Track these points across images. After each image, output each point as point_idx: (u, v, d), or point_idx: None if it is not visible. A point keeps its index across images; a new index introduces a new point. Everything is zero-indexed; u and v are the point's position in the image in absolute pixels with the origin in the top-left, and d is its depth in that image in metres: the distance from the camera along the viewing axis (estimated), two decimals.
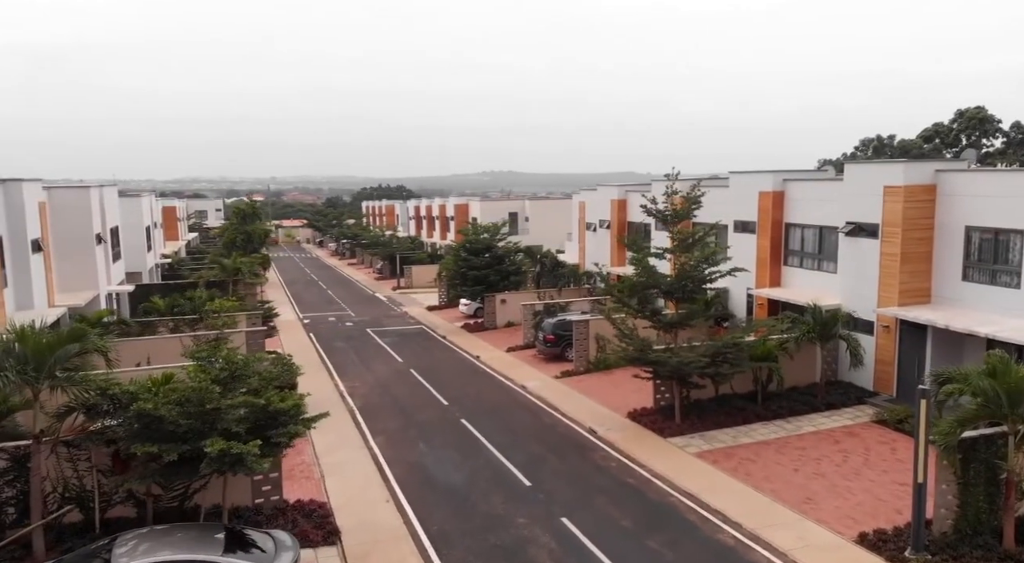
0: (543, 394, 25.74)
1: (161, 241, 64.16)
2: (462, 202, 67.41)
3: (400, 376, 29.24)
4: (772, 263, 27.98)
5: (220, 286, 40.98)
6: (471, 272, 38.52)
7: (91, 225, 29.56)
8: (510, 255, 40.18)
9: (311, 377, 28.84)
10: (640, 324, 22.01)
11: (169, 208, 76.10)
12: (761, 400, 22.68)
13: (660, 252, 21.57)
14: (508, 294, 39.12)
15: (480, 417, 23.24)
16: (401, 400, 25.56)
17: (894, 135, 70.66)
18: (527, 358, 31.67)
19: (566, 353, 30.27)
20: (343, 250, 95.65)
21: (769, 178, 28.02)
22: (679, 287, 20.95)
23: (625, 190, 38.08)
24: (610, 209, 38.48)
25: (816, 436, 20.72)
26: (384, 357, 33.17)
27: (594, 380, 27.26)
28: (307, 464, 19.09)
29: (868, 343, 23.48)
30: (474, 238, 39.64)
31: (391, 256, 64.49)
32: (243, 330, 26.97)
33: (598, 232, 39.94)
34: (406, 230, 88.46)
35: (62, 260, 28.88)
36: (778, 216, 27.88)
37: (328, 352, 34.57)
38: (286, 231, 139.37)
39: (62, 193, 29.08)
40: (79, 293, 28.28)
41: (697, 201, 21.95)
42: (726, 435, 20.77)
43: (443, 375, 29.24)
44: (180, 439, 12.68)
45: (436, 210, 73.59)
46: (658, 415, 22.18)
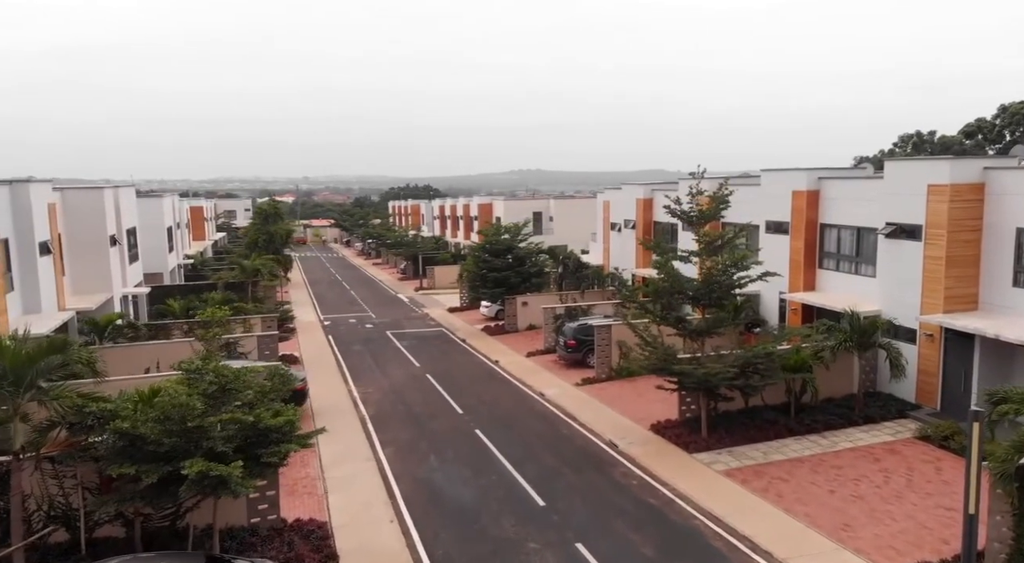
0: (562, 403, 24.62)
1: (187, 241, 64.32)
2: (486, 202, 66.47)
3: (416, 382, 28.34)
4: (806, 266, 26.49)
5: (239, 288, 40.62)
6: (491, 274, 37.52)
7: (105, 227, 29.14)
8: (532, 256, 39.07)
9: (325, 382, 28.14)
10: (665, 331, 20.79)
11: (196, 208, 76.43)
12: (794, 413, 21.31)
13: (686, 255, 20.30)
14: (530, 296, 38.05)
15: (495, 427, 22.21)
16: (414, 408, 24.64)
17: (934, 131, 68.04)
18: (547, 364, 30.57)
19: (587, 359, 29.10)
20: (369, 250, 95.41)
21: (803, 176, 26.53)
22: (706, 293, 19.67)
23: (651, 189, 36.74)
24: (635, 209, 37.17)
25: (854, 453, 19.30)
26: (401, 361, 32.32)
27: (616, 388, 26.06)
28: (311, 478, 18.23)
29: (910, 352, 21.95)
30: (495, 239, 38.60)
31: (414, 256, 63.79)
32: (254, 335, 26.27)
33: (623, 232, 38.65)
34: (431, 230, 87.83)
35: (75, 262, 28.52)
36: (813, 216, 26.39)
37: (345, 355, 33.83)
38: (314, 231, 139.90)
39: (75, 194, 28.69)
40: (91, 296, 27.86)
41: (725, 201, 20.66)
42: (756, 451, 19.45)
43: (459, 381, 28.27)
44: (163, 458, 11.83)
45: (460, 210, 72.75)
46: (683, 428, 20.93)
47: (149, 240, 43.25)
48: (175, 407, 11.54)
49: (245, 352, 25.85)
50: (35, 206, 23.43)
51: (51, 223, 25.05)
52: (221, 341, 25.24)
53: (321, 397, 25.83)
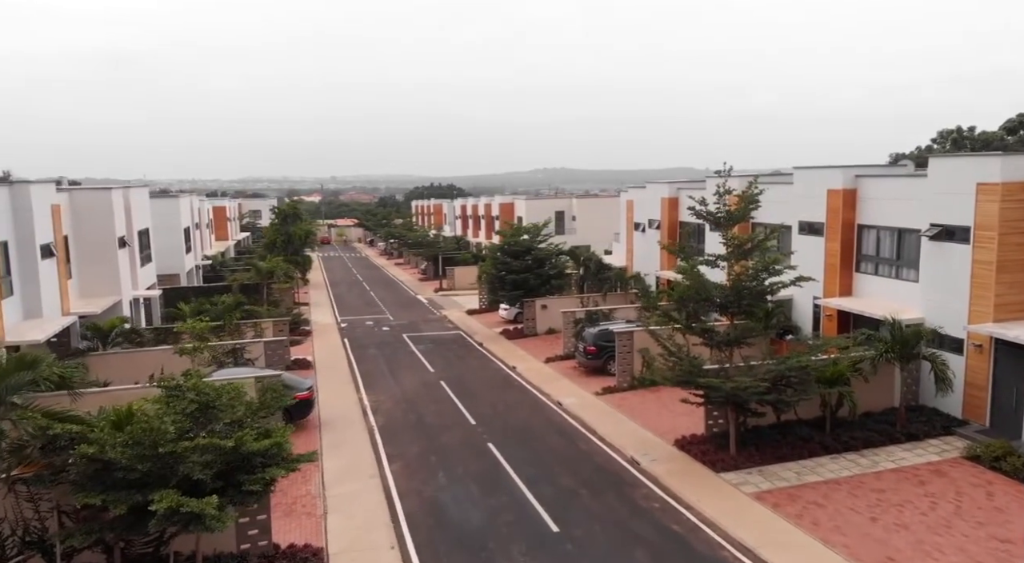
0: (581, 414, 23.34)
1: (208, 241, 64.09)
2: (507, 201, 65.28)
3: (429, 389, 27.24)
4: (842, 269, 24.88)
5: (255, 289, 39.91)
6: (510, 276, 36.28)
7: (113, 228, 28.48)
8: (552, 257, 37.75)
9: (336, 389, 27.18)
10: (691, 339, 19.41)
11: (219, 208, 76.36)
12: (830, 428, 19.82)
13: (713, 259, 18.89)
14: (549, 299, 36.78)
15: (509, 441, 21.02)
16: (426, 418, 23.53)
17: (974, 127, 65.31)
18: (566, 370, 29.29)
19: (608, 366, 27.77)
20: (391, 250, 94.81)
21: (839, 174, 24.92)
22: (735, 300, 18.25)
23: (677, 188, 35.23)
24: (660, 208, 35.70)
25: (897, 475, 17.77)
26: (415, 367, 31.26)
27: (638, 398, 24.71)
28: (311, 496, 17.18)
29: (956, 364, 20.31)
30: (513, 240, 37.36)
31: (434, 257, 62.83)
32: (261, 340, 25.34)
33: (647, 233, 37.20)
34: (453, 230, 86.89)
35: (83, 265, 27.89)
36: (850, 216, 24.76)
37: (359, 360, 32.87)
38: (338, 231, 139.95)
39: (82, 195, 28.06)
40: (98, 299, 27.19)
41: (755, 200, 19.22)
42: (789, 471, 18.00)
43: (474, 389, 27.12)
44: (136, 485, 10.82)
45: (482, 209, 71.66)
46: (710, 444, 19.54)
47: (165, 241, 42.76)
48: (145, 432, 10.50)
49: (252, 359, 24.97)
50: (36, 208, 22.74)
51: (55, 225, 24.37)
52: (225, 348, 24.39)
53: (330, 405, 24.85)
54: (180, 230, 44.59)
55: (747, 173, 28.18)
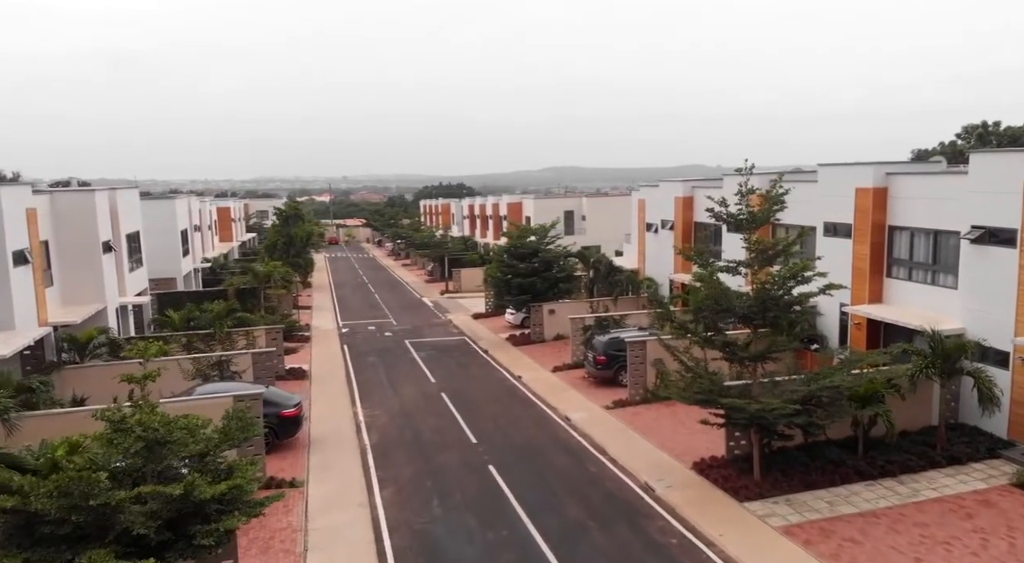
0: (590, 431, 21.68)
1: (212, 243, 62.88)
2: (515, 200, 63.59)
3: (428, 402, 25.65)
4: (872, 275, 23.07)
5: (252, 294, 38.47)
6: (516, 279, 34.62)
7: (96, 232, 27.05)
8: (560, 260, 36.05)
9: (330, 401, 25.64)
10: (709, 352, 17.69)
11: (223, 209, 75.31)
12: (863, 450, 18.07)
13: (733, 266, 17.16)
14: (557, 304, 35.11)
15: (512, 462, 19.38)
16: (423, 436, 21.93)
17: (999, 121, 63.04)
18: (574, 381, 27.62)
19: (619, 377, 26.09)
20: (398, 250, 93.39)
21: (869, 171, 23.10)
22: (759, 310, 16.52)
23: (692, 186, 33.46)
24: (674, 208, 33.94)
25: (940, 506, 16.00)
26: (416, 376, 29.68)
27: (652, 413, 23.02)
28: (292, 530, 15.61)
29: (1002, 379, 18.50)
30: (519, 241, 35.69)
31: (440, 258, 61.28)
32: (249, 352, 23.81)
33: (660, 234, 35.44)
34: (461, 230, 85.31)
35: (65, 271, 26.48)
36: (880, 217, 22.94)
37: (357, 369, 31.34)
38: (347, 231, 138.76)
39: (64, 198, 26.65)
40: (80, 308, 25.77)
41: (779, 201, 17.45)
42: (820, 501, 16.27)
43: (476, 402, 25.50)
44: (69, 541, 9.27)
45: (489, 209, 70.00)
46: (731, 468, 17.83)
47: (160, 244, 41.44)
48: (74, 480, 8.94)
49: (239, 371, 23.46)
50: (7, 212, 21.31)
51: (30, 230, 22.96)
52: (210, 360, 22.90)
53: (322, 421, 23.32)
54: (176, 232, 43.24)
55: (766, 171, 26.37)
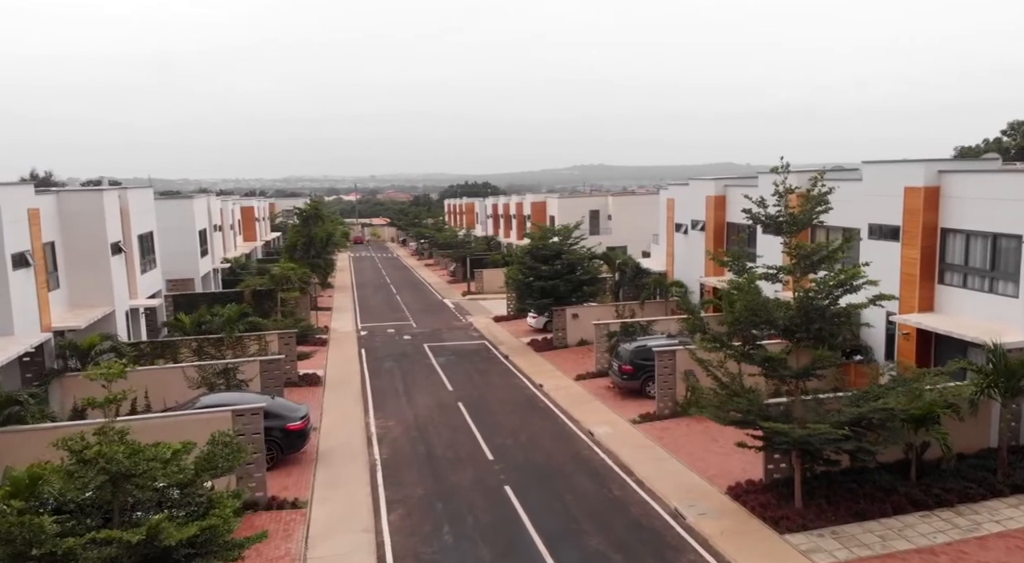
0: (615, 448, 20.24)
1: (234, 243, 62.43)
2: (539, 199, 62.13)
3: (444, 412, 24.40)
4: (922, 281, 21.31)
5: (268, 296, 37.56)
6: (537, 282, 33.21)
7: (105, 233, 26.21)
8: (584, 262, 34.57)
9: (342, 411, 24.52)
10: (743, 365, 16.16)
11: (247, 208, 75.06)
12: (916, 475, 16.41)
13: (773, 272, 15.61)
14: (581, 308, 33.65)
15: (530, 483, 18.03)
16: (437, 450, 20.66)
17: None
18: (599, 391, 26.17)
19: (647, 388, 24.60)
20: (422, 250, 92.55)
21: (919, 169, 21.34)
22: (802, 323, 14.95)
23: (724, 185, 31.79)
24: (705, 207, 32.29)
25: (1006, 542, 14.32)
26: (433, 384, 28.46)
27: (682, 429, 21.50)
28: (290, 558, 14.42)
29: None
30: (542, 243, 34.28)
31: (463, 258, 60.10)
32: (256, 359, 22.76)
33: (690, 234, 33.80)
34: (484, 229, 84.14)
35: (73, 274, 25.68)
36: (932, 219, 21.17)
37: (373, 375, 30.22)
38: (372, 230, 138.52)
39: (71, 198, 25.83)
40: (87, 311, 24.94)
41: (823, 201, 15.84)
42: (870, 534, 14.67)
43: (495, 412, 24.19)
44: None
45: (513, 208, 68.64)
46: (770, 494, 16.28)
47: (178, 244, 40.84)
48: (14, 526, 7.78)
49: (246, 380, 22.41)
50: (6, 213, 20.47)
51: (33, 231, 22.13)
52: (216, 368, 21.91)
53: (332, 433, 22.18)
54: (194, 232, 42.55)
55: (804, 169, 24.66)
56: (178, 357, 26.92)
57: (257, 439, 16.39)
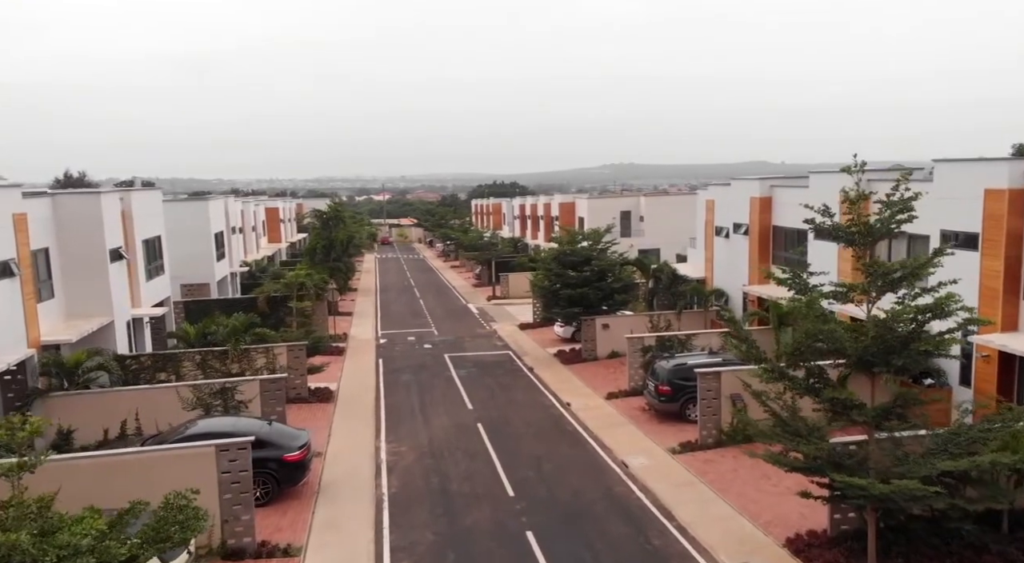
0: (653, 483, 17.92)
1: (256, 245, 61.24)
2: (567, 200, 59.76)
3: (462, 435, 22.28)
4: (1006, 296, 18.63)
5: (284, 303, 35.84)
6: (565, 290, 30.92)
7: (103, 238, 24.59)
8: (615, 268, 32.20)
9: (352, 432, 22.55)
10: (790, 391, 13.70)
11: (272, 209, 74.13)
12: (1008, 527, 13.85)
13: (843, 291, 13.15)
14: (612, 318, 31.30)
15: (555, 527, 15.81)
16: (452, 484, 18.53)
17: None
18: (632, 412, 23.83)
19: (686, 411, 22.25)
20: (448, 251, 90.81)
21: (1003, 169, 18.67)
22: (881, 354, 12.47)
23: (770, 185, 29.20)
24: (749, 209, 29.71)
25: None
26: (451, 400, 26.38)
27: (728, 461, 19.09)
28: None
29: None
30: (570, 247, 32.00)
31: (488, 261, 58.03)
32: (256, 378, 20.83)
33: (732, 239, 31.24)
34: (511, 231, 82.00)
35: (69, 282, 24.10)
36: (1017, 225, 18.48)
37: (389, 389, 28.25)
38: (399, 231, 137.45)
39: (67, 201, 24.23)
40: (82, 322, 23.32)
41: (906, 207, 13.32)
42: None
43: (518, 437, 22.01)
44: None
45: (541, 209, 66.39)
46: (838, 549, 13.85)
47: (192, 248, 39.42)
48: None
49: (245, 401, 20.52)
50: None
51: (18, 237, 20.52)
52: (212, 388, 20.05)
53: (339, 459, 20.20)
54: (209, 235, 41.07)
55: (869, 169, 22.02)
56: (180, 371, 25.25)
57: (245, 478, 14.42)
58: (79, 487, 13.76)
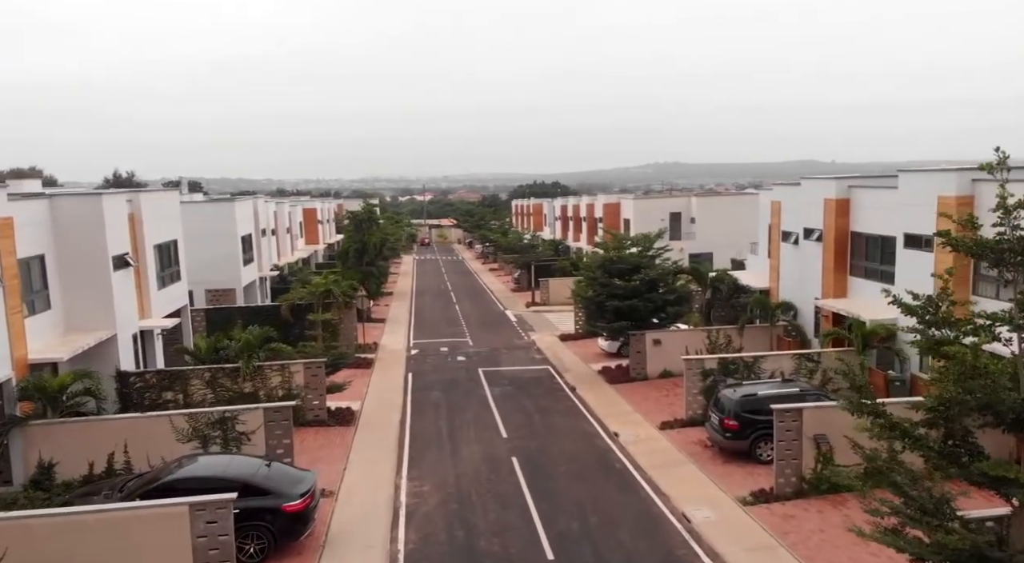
0: (723, 546, 14.79)
1: (290, 246, 59.56)
2: (612, 200, 56.49)
3: (494, 472, 19.44)
4: None
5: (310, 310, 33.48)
6: (611, 302, 27.77)
7: (104, 244, 22.42)
8: (668, 277, 28.97)
9: (370, 466, 19.93)
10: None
11: (310, 210, 72.81)
12: None
13: (1006, 316, 9.86)
14: (664, 332, 28.09)
15: None
16: (479, 541, 15.66)
17: None
18: (692, 448, 20.67)
19: (757, 449, 19.03)
20: (487, 253, 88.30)
21: None
22: None
23: (848, 186, 25.62)
24: (823, 212, 26.19)
25: None
26: (484, 425, 23.59)
27: (813, 518, 15.84)
28: None
29: None
30: (616, 255, 28.84)
31: (527, 264, 55.17)
32: (260, 406, 18.24)
33: (802, 245, 27.74)
34: (552, 232, 79.00)
35: (69, 292, 22.01)
36: None
37: (416, 411, 25.60)
38: (439, 232, 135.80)
39: (65, 204, 22.11)
40: (80, 337, 21.17)
41: None
42: None
43: (558, 476, 19.07)
44: None
45: (584, 210, 63.21)
46: None
47: (216, 252, 37.47)
48: None
49: (247, 433, 17.95)
50: None
51: (2, 245, 18.36)
52: (211, 417, 17.57)
53: (352, 499, 17.54)
54: (236, 238, 39.09)
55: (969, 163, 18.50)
56: (188, 389, 22.98)
57: (225, 544, 11.83)
58: (30, 551, 11.40)
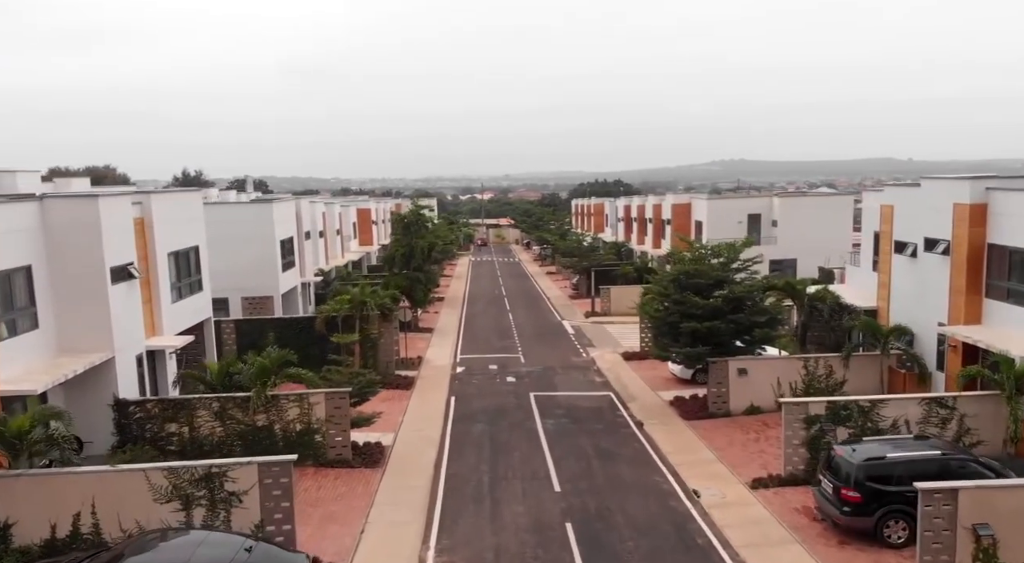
0: None
1: (341, 249, 57.23)
2: (682, 201, 51.71)
3: (541, 545, 15.57)
4: None
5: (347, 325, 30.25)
6: (687, 323, 23.47)
7: (100, 253, 19.58)
8: (756, 294, 24.48)
9: (392, 530, 16.38)
10: None
11: (364, 211, 70.89)
12: None
13: None
14: (751, 360, 23.67)
15: None
16: None
17: None
18: (794, 517, 16.35)
19: (885, 530, 14.61)
20: (544, 255, 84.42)
21: None
22: None
23: (984, 188, 20.68)
24: (951, 220, 21.31)
25: None
26: (533, 473, 19.77)
27: None
28: None
29: None
30: (693, 267, 24.49)
31: (587, 270, 51.06)
32: (254, 460, 14.80)
33: (921, 258, 22.88)
34: (615, 233, 74.49)
35: (64, 308, 19.28)
36: None
37: (454, 449, 21.97)
38: (497, 232, 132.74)
39: (58, 208, 19.30)
40: (71, 360, 18.35)
41: None
42: None
43: (623, 555, 15.07)
44: None
45: (649, 210, 58.59)
46: None
47: (250, 257, 34.81)
48: None
49: (238, 493, 14.56)
50: None
51: None
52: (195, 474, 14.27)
53: None
54: (274, 242, 36.36)
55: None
56: (194, 421, 19.95)
57: None
58: None
